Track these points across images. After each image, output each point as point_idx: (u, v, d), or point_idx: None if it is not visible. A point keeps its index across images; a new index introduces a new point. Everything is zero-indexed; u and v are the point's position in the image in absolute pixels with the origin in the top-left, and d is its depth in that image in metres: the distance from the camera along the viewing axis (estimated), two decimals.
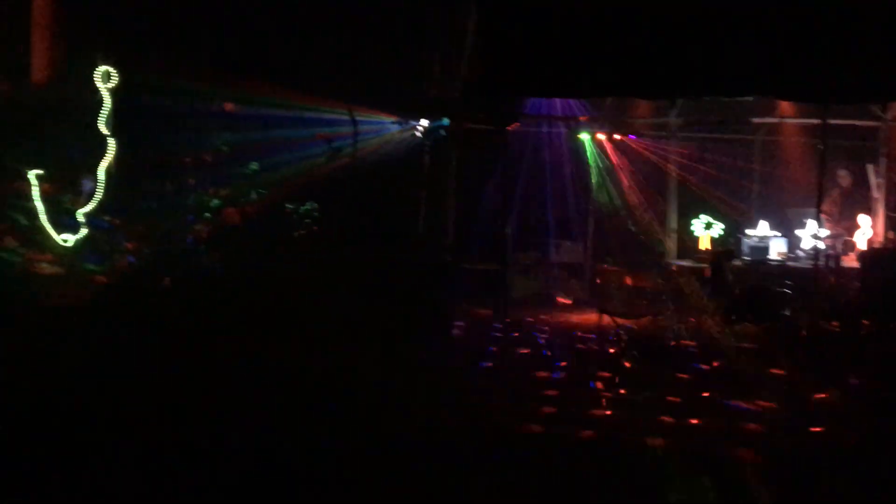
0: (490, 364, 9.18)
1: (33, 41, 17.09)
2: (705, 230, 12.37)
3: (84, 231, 8.87)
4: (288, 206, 10.46)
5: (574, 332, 11.01)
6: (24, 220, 9.24)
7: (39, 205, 8.92)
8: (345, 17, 11.13)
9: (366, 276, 9.60)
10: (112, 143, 8.57)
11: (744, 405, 7.74)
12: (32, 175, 8.93)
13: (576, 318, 12.19)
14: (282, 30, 10.95)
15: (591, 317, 11.18)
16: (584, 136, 13.39)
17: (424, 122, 11.42)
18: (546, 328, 11.17)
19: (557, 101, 13.31)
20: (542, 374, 8.77)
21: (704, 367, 9.12)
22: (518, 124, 11.83)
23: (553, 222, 14.29)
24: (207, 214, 9.69)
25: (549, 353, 9.70)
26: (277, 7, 11.01)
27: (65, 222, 8.98)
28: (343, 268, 9.77)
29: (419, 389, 7.48)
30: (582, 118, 13.48)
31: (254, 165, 10.21)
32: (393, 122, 11.57)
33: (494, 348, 9.73)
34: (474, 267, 11.50)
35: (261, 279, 9.36)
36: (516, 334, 10.51)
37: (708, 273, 10.88)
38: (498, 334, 10.27)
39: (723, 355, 9.31)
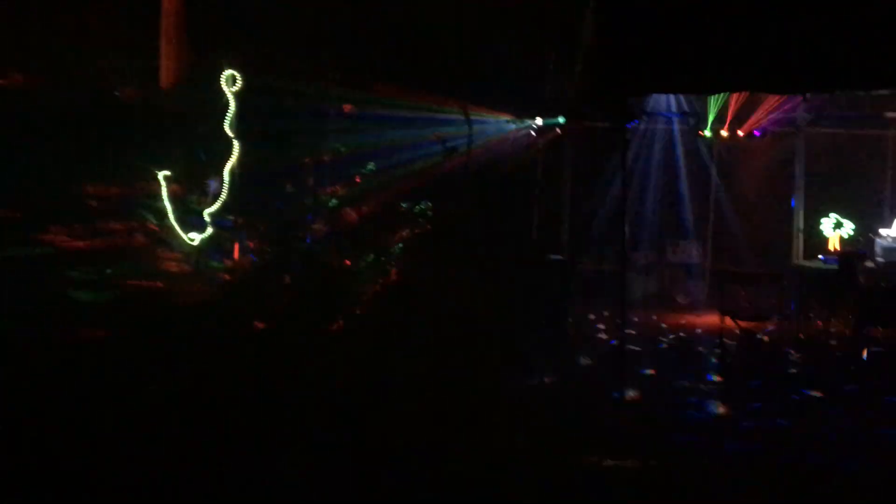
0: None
1: (161, 46, 17.83)
2: (834, 230, 11.80)
3: (209, 230, 9.13)
4: (402, 204, 10.53)
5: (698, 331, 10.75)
6: (153, 220, 9.63)
7: (168, 205, 9.23)
8: (460, 17, 11.14)
9: (481, 276, 9.56)
10: (236, 145, 8.78)
11: None
12: (162, 176, 9.24)
13: (695, 319, 11.88)
14: (398, 31, 11.04)
15: (711, 319, 10.89)
16: (706, 133, 13.00)
17: (539, 121, 11.31)
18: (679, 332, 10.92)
19: (673, 98, 12.98)
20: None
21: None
22: (638, 122, 11.58)
23: (670, 221, 13.96)
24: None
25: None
26: (393, 8, 11.11)
27: (192, 222, 9.26)
28: (457, 267, 9.76)
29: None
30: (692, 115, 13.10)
31: (370, 165, 10.33)
32: (508, 122, 11.52)
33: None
34: (591, 267, 11.33)
35: (377, 276, 9.45)
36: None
37: (838, 275, 10.39)
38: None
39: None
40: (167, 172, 9.33)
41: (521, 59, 11.22)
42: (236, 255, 9.12)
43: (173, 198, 9.30)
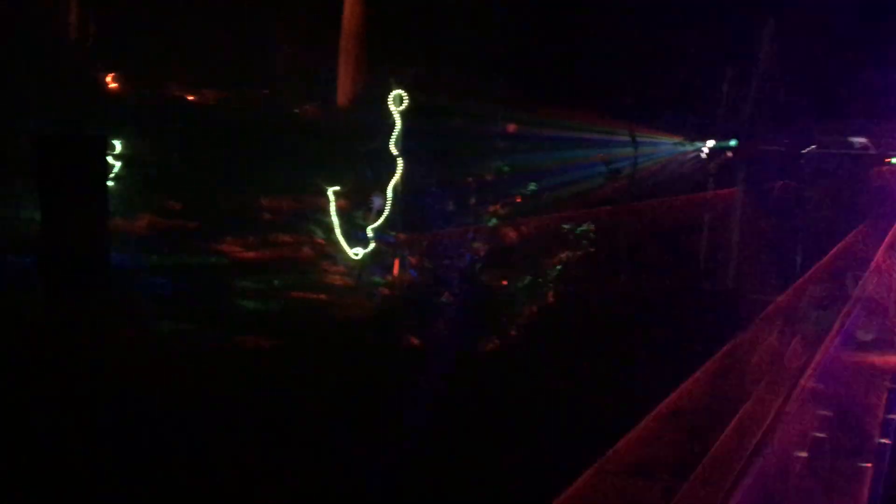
0: None
1: (340, 67, 18.58)
2: None
3: (372, 245, 9.35)
4: (564, 226, 10.40)
5: None
6: (320, 234, 9.99)
7: (335, 220, 9.53)
8: (626, 39, 10.93)
9: (644, 301, 9.30)
10: (400, 163, 8.96)
11: None
12: (331, 192, 9.55)
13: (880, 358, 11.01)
14: (563, 51, 10.96)
15: None
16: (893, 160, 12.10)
17: (710, 143, 10.89)
18: None
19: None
20: None
21: None
22: (815, 146, 10.94)
23: (850, 252, 13.06)
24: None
25: None
26: (559, 29, 11.04)
27: (356, 236, 9.52)
28: (620, 291, 9.54)
29: None
30: None
31: (532, 186, 10.28)
32: (676, 143, 11.15)
33: None
34: (762, 297, 10.74)
35: (534, 298, 9.37)
36: None
37: None
38: None
39: None
40: (336, 188, 9.64)
41: (692, 79, 10.86)
42: (396, 270, 9.29)
43: (340, 213, 9.60)
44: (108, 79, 17.95)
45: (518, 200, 10.23)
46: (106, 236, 5.17)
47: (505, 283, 9.45)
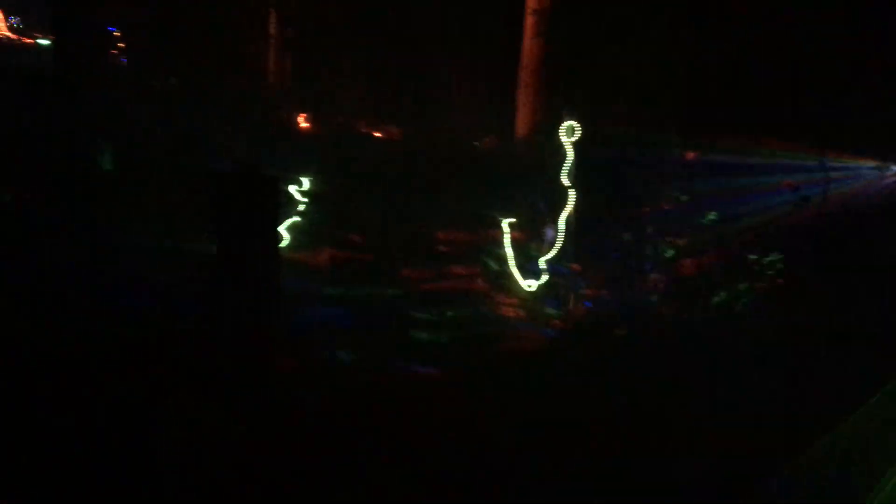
0: None
1: (518, 99, 18.77)
2: None
3: (546, 277, 9.28)
4: (751, 256, 9.92)
5: None
6: (494, 266, 10.05)
7: (509, 251, 9.55)
8: (812, 61, 10.35)
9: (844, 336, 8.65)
10: (572, 194, 8.88)
11: None
12: (506, 223, 9.59)
13: None
14: (744, 75, 10.52)
15: None
16: None
17: None
18: None
19: None
20: None
21: None
22: None
23: None
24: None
25: None
26: (739, 53, 10.63)
27: (529, 268, 9.50)
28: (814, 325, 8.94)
29: None
30: None
31: (712, 215, 9.89)
32: (871, 168, 10.40)
33: None
34: None
35: (717, 330, 8.96)
36: None
37: None
38: None
39: None
40: (511, 220, 9.67)
41: (889, 98, 10.11)
42: (570, 302, 9.18)
43: (514, 244, 9.61)
44: (300, 118, 19.04)
45: (697, 230, 9.87)
46: (277, 269, 5.42)
47: (685, 316, 9.12)
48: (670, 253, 9.64)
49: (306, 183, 10.47)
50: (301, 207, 10.35)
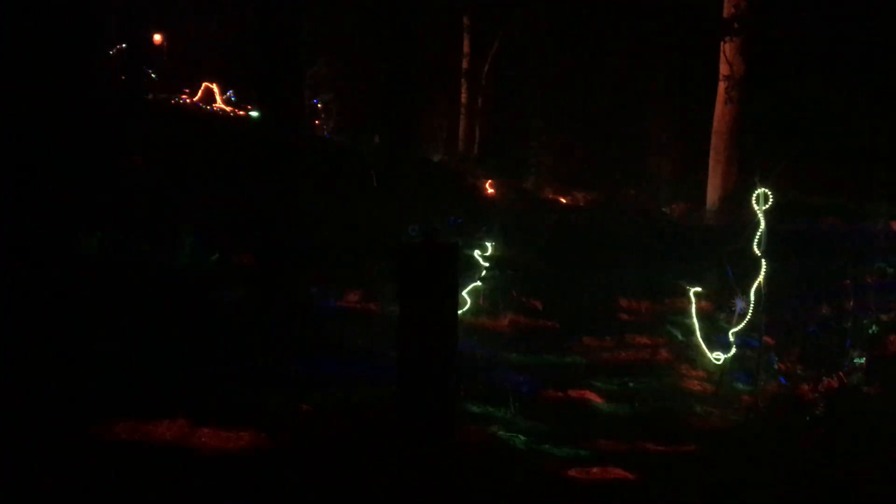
0: None
1: (710, 165, 18.35)
2: None
3: (734, 350, 8.88)
4: None
5: None
6: (679, 336, 9.74)
7: (696, 322, 9.22)
8: None
9: None
10: (764, 264, 8.48)
11: None
12: (692, 293, 9.29)
13: None
14: None
15: None
16: None
17: None
18: None
19: None
20: None
21: None
22: None
23: None
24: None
25: None
26: None
27: (717, 340, 9.12)
28: None
29: None
30: None
31: None
32: None
33: None
34: None
35: None
36: None
37: None
38: None
39: None
40: (698, 289, 9.36)
41: None
42: (762, 377, 8.69)
43: (701, 315, 9.28)
44: (487, 185, 19.46)
45: None
46: (453, 335, 5.48)
47: (891, 398, 8.39)
48: (874, 329, 8.97)
49: (489, 248, 10.62)
50: (484, 273, 10.49)
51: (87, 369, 6.73)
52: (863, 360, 9.02)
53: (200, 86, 20.47)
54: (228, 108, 20.19)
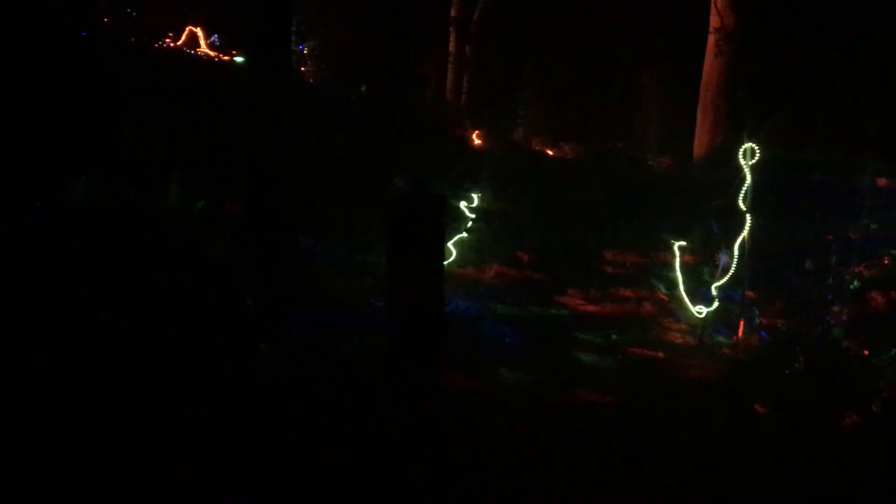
0: None
1: (697, 119, 18.30)
2: None
3: (717, 303, 8.97)
4: None
5: None
6: (662, 290, 9.81)
7: (679, 275, 9.28)
8: None
9: None
10: (749, 219, 8.53)
11: None
12: (676, 246, 9.34)
13: None
14: None
15: None
16: None
17: None
18: None
19: None
20: None
21: None
22: None
23: None
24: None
25: None
26: None
27: (700, 294, 9.20)
28: None
29: None
30: None
31: None
32: None
33: None
34: None
35: None
36: None
37: None
38: None
39: None
40: (682, 243, 9.41)
41: None
42: (741, 331, 8.80)
43: (685, 268, 9.34)
44: (475, 136, 19.39)
45: (886, 262, 9.22)
46: (439, 287, 5.54)
47: (866, 352, 8.52)
48: (856, 285, 9.06)
49: (476, 199, 10.62)
50: (470, 224, 10.51)
51: (72, 318, 6.75)
52: (844, 316, 9.15)
53: (184, 30, 20.13)
54: (213, 53, 19.89)
